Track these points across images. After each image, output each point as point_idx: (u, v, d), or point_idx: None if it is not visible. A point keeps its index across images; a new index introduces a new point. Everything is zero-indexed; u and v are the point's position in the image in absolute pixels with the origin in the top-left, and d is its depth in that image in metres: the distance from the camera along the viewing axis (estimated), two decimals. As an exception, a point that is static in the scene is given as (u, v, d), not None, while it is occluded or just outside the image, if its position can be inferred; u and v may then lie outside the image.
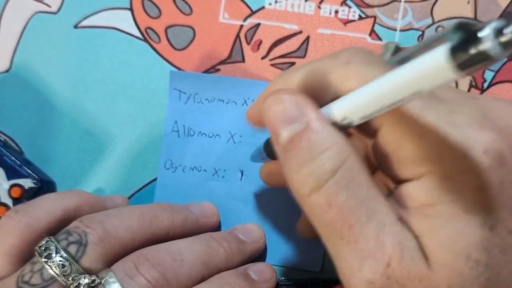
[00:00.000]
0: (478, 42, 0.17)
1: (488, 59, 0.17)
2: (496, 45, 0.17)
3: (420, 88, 0.21)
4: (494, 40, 0.17)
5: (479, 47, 0.17)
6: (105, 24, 0.42)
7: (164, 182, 0.41)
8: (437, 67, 0.19)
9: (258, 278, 0.36)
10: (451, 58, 0.18)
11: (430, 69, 0.19)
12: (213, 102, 0.41)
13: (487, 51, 0.17)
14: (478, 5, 0.40)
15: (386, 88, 0.23)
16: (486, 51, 0.17)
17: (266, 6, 0.41)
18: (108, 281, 0.31)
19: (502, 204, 0.24)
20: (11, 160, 0.40)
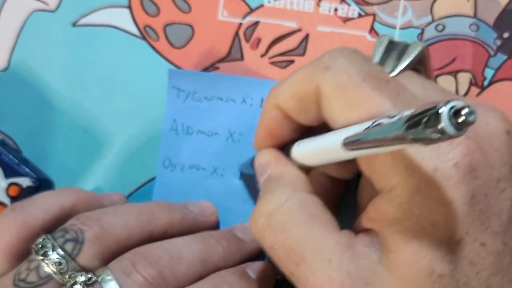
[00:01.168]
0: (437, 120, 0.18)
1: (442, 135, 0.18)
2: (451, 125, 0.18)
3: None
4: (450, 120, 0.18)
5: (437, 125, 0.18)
6: (104, 22, 0.42)
7: (162, 181, 0.41)
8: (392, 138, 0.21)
9: (257, 276, 0.36)
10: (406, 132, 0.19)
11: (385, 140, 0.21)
12: (212, 100, 0.41)
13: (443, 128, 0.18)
14: (478, 3, 0.40)
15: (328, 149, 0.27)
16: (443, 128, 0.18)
17: (265, 3, 0.41)
18: (104, 279, 0.30)
19: (473, 217, 0.24)
20: (9, 159, 0.39)
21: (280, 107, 0.31)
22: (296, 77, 0.29)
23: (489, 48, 0.40)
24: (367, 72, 0.26)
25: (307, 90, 0.28)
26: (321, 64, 0.28)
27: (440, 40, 0.40)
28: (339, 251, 0.25)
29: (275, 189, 0.29)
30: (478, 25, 0.40)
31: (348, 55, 0.27)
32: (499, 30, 0.40)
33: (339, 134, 0.26)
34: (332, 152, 0.27)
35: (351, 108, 0.26)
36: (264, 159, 0.33)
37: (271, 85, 0.39)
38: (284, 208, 0.28)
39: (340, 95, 0.27)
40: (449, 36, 0.40)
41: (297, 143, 0.31)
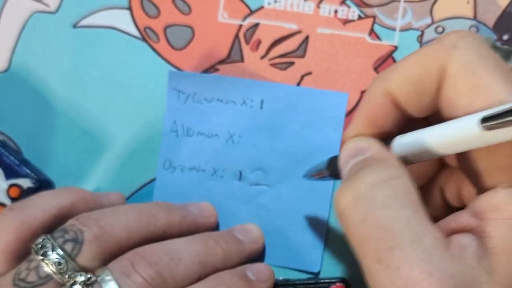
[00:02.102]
0: None
1: None
2: None
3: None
4: None
5: None
6: (104, 23, 0.42)
7: (162, 182, 0.41)
8: None
9: (256, 278, 0.36)
10: None
11: None
12: (212, 102, 0.41)
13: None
14: (478, 5, 0.40)
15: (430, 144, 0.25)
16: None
17: (265, 5, 0.41)
18: (104, 279, 0.30)
19: None
20: (9, 160, 0.39)
21: (392, 93, 0.28)
22: (415, 58, 0.27)
23: (489, 50, 0.40)
24: (496, 58, 0.24)
25: (429, 70, 0.26)
26: (449, 42, 0.25)
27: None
28: (440, 248, 0.23)
29: (384, 165, 0.26)
30: (478, 27, 0.40)
31: (476, 37, 0.25)
32: (499, 32, 0.40)
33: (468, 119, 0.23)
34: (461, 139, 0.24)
35: (479, 93, 0.24)
36: (361, 144, 0.28)
37: (271, 87, 0.40)
38: (393, 183, 0.25)
39: (469, 76, 0.24)
40: (448, 38, 0.40)
41: (400, 136, 0.28)
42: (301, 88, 0.41)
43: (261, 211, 0.40)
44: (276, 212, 0.40)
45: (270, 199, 0.40)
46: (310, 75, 0.41)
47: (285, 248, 0.40)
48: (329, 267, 0.40)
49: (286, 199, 0.40)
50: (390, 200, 0.24)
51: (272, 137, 0.40)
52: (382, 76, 0.28)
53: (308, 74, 0.41)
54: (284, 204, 0.40)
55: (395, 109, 0.28)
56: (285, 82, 0.41)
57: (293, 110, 0.40)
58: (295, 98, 0.40)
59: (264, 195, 0.41)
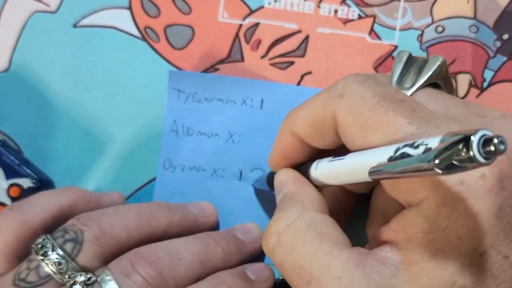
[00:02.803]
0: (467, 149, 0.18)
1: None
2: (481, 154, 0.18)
3: None
4: (480, 149, 0.18)
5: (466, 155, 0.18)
6: (104, 23, 0.42)
7: (163, 182, 0.41)
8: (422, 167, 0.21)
9: (256, 277, 0.36)
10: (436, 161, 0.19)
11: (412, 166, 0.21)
12: (212, 101, 0.41)
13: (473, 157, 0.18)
14: (478, 4, 0.40)
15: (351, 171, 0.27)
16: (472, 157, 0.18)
17: (265, 5, 0.41)
18: (104, 279, 0.31)
19: (499, 229, 0.24)
20: (10, 160, 0.40)
21: (297, 134, 0.31)
22: (313, 105, 0.30)
23: (489, 49, 0.40)
24: (381, 94, 0.26)
25: (323, 118, 0.29)
26: (335, 92, 0.28)
27: (440, 42, 0.40)
28: (349, 268, 0.25)
29: (286, 208, 0.30)
30: (478, 27, 0.40)
31: (361, 81, 0.27)
32: (499, 31, 0.40)
33: (361, 158, 0.26)
34: (355, 175, 0.27)
35: (368, 132, 0.26)
36: (282, 178, 0.33)
37: (271, 86, 0.40)
38: (293, 226, 0.28)
39: (356, 120, 0.27)
40: (448, 38, 0.40)
41: (315, 162, 0.31)
42: (301, 87, 0.41)
43: (261, 211, 0.40)
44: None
45: (271, 198, 0.40)
46: (310, 74, 0.41)
47: (285, 247, 0.40)
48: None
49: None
50: (294, 243, 0.28)
51: (272, 137, 0.40)
52: (289, 117, 0.32)
53: (308, 73, 0.41)
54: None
55: (304, 146, 0.32)
56: (285, 82, 0.41)
57: (293, 109, 0.40)
58: (295, 97, 0.40)
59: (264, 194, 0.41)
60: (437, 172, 0.19)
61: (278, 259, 0.28)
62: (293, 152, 0.33)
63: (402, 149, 0.22)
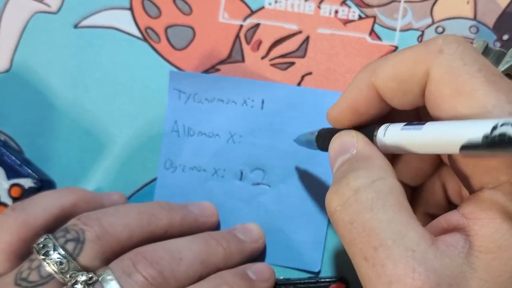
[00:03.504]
0: None
1: None
2: None
3: None
4: None
5: None
6: (105, 24, 0.42)
7: (164, 182, 0.41)
8: None
9: (257, 277, 0.36)
10: None
11: None
12: (213, 102, 0.41)
13: None
14: (478, 5, 0.40)
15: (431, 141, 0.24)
16: None
17: (266, 6, 0.41)
18: (105, 279, 0.31)
19: None
20: (11, 160, 0.40)
21: (377, 87, 0.28)
22: (403, 57, 0.27)
23: (489, 50, 0.40)
24: (482, 63, 0.25)
25: (414, 72, 0.26)
26: (435, 47, 0.26)
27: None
28: (424, 244, 0.23)
29: (367, 167, 0.27)
30: (478, 27, 0.40)
31: (463, 42, 0.25)
32: (499, 32, 0.40)
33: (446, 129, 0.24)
34: (434, 147, 0.25)
35: (462, 97, 0.24)
36: (347, 139, 0.30)
37: (272, 87, 0.40)
38: (375, 186, 0.26)
39: (453, 81, 0.25)
40: (449, 38, 0.40)
41: (383, 127, 0.29)
42: (301, 88, 0.41)
43: (262, 211, 0.40)
44: (276, 212, 0.40)
45: (271, 198, 0.41)
46: (310, 75, 0.41)
47: (285, 247, 0.40)
48: (329, 267, 0.40)
49: (287, 198, 0.40)
50: (373, 202, 0.25)
51: (272, 137, 0.40)
52: (370, 68, 0.29)
53: (309, 74, 0.41)
54: (284, 203, 0.40)
55: (379, 101, 0.29)
56: (286, 82, 0.41)
57: (294, 110, 0.40)
58: (295, 98, 0.40)
59: (264, 194, 0.41)
60: None
61: (348, 216, 0.26)
62: (364, 107, 0.29)
63: (500, 127, 0.20)
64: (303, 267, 0.40)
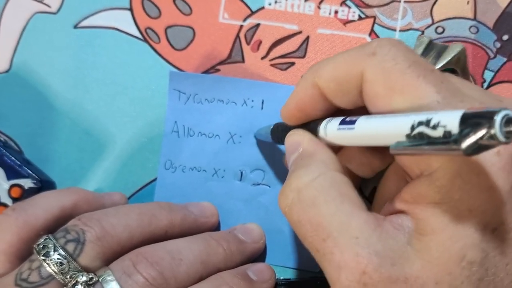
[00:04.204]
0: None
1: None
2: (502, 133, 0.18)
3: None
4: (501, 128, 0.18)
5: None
6: (105, 24, 0.42)
7: (164, 182, 0.41)
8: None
9: (257, 278, 0.36)
10: None
11: None
12: (213, 102, 0.41)
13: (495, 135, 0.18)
14: (478, 5, 0.40)
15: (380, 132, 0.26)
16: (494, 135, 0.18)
17: (266, 6, 0.41)
18: (106, 279, 0.31)
19: (509, 208, 0.24)
20: (11, 160, 0.40)
21: (319, 87, 0.30)
22: (340, 60, 0.29)
23: (489, 50, 0.40)
24: (413, 60, 0.26)
25: (350, 74, 0.28)
26: (368, 50, 0.27)
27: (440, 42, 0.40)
28: (367, 230, 0.25)
29: (307, 165, 0.29)
30: (478, 27, 0.40)
31: (395, 43, 0.27)
32: (499, 32, 0.40)
33: (372, 126, 0.26)
34: (373, 140, 0.26)
35: (395, 94, 0.26)
36: (297, 138, 0.32)
37: (272, 87, 0.40)
38: (316, 183, 0.28)
39: (385, 80, 0.26)
40: (449, 39, 0.40)
41: (327, 120, 0.31)
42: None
43: (262, 211, 0.41)
44: (276, 212, 0.40)
45: (271, 199, 0.41)
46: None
47: (285, 247, 0.40)
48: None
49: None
50: (315, 199, 0.27)
51: (272, 137, 0.41)
52: (314, 68, 0.31)
53: (309, 74, 0.41)
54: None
55: (324, 100, 0.31)
56: (286, 83, 0.41)
57: (294, 110, 0.40)
58: (295, 98, 0.40)
59: (264, 195, 0.41)
60: (461, 153, 0.19)
61: (295, 215, 0.28)
62: (310, 105, 0.31)
63: (417, 128, 0.22)
64: (303, 268, 0.40)
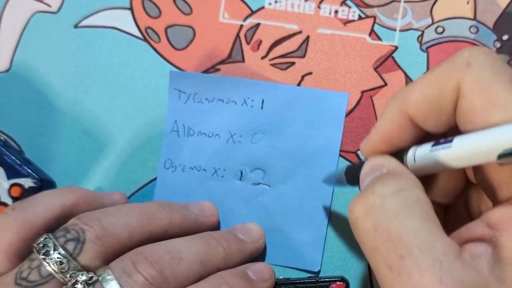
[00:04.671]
0: None
1: None
2: None
3: None
4: None
5: None
6: (105, 24, 0.42)
7: (163, 182, 0.41)
8: None
9: (257, 277, 0.36)
10: None
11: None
12: (213, 102, 0.41)
13: None
14: (478, 5, 0.40)
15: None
16: None
17: (266, 6, 0.41)
18: (105, 278, 0.31)
19: None
20: (11, 160, 0.40)
21: (409, 113, 0.28)
22: (431, 77, 0.27)
23: (489, 50, 0.40)
24: (511, 73, 0.24)
25: (444, 89, 0.26)
26: (462, 61, 0.26)
27: (440, 43, 0.40)
28: (451, 255, 0.23)
29: (396, 178, 0.27)
30: (478, 27, 0.40)
31: (490, 53, 0.25)
32: (499, 32, 0.40)
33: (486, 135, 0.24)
34: (472, 158, 0.24)
35: (495, 108, 0.24)
36: (378, 161, 0.30)
37: (272, 87, 0.40)
38: (402, 195, 0.25)
39: (484, 93, 0.24)
40: (448, 39, 0.40)
41: (414, 147, 0.29)
42: (301, 88, 0.41)
43: (262, 211, 0.41)
44: (276, 212, 0.40)
45: (271, 198, 0.41)
46: (310, 75, 0.41)
47: (285, 247, 0.40)
48: (329, 267, 0.40)
49: (287, 198, 0.40)
50: (400, 210, 0.25)
51: (272, 137, 0.40)
52: (399, 96, 0.29)
53: (309, 74, 0.41)
54: (284, 203, 0.40)
55: (412, 128, 0.29)
56: (286, 82, 0.41)
57: (294, 110, 0.40)
58: (295, 98, 0.40)
59: (264, 194, 0.41)
60: None
61: (372, 223, 0.25)
62: (398, 136, 0.29)
63: None
64: (303, 267, 0.40)
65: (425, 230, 0.24)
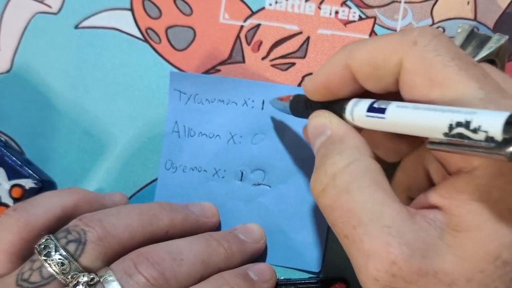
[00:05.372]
0: None
1: None
2: None
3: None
4: None
5: None
6: (106, 24, 0.42)
7: (164, 182, 0.41)
8: None
9: (258, 278, 0.36)
10: None
11: None
12: (213, 102, 0.41)
13: None
14: (478, 6, 0.40)
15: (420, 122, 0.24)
16: None
17: (267, 6, 0.41)
18: (107, 279, 0.31)
19: None
20: (11, 160, 0.40)
21: (352, 69, 0.29)
22: (378, 45, 0.28)
23: (489, 50, 0.40)
24: (454, 52, 0.25)
25: (388, 61, 0.27)
26: (408, 38, 0.26)
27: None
28: (399, 220, 0.25)
29: (341, 151, 0.28)
30: (478, 28, 0.40)
31: (437, 34, 0.26)
32: (499, 32, 0.40)
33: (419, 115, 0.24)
34: (405, 130, 0.25)
35: (435, 86, 0.25)
36: (322, 120, 0.31)
37: (272, 87, 0.40)
38: (350, 169, 0.27)
39: (425, 71, 0.25)
40: (449, 39, 0.41)
41: (353, 102, 0.29)
42: (302, 88, 0.41)
43: (262, 211, 0.41)
44: (277, 212, 0.40)
45: (271, 199, 0.41)
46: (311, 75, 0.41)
47: (286, 247, 0.40)
48: (329, 267, 0.40)
49: (287, 199, 0.40)
50: (348, 185, 0.27)
51: (273, 138, 0.40)
52: (347, 49, 0.29)
53: (309, 74, 0.41)
54: (285, 204, 0.40)
55: (353, 82, 0.30)
56: (286, 83, 0.41)
57: (294, 110, 0.40)
58: (296, 98, 0.40)
59: (265, 195, 0.41)
60: (504, 159, 0.19)
61: (328, 200, 0.27)
62: (338, 85, 0.30)
63: (456, 128, 0.21)
64: (303, 268, 0.40)
65: (373, 201, 0.26)
